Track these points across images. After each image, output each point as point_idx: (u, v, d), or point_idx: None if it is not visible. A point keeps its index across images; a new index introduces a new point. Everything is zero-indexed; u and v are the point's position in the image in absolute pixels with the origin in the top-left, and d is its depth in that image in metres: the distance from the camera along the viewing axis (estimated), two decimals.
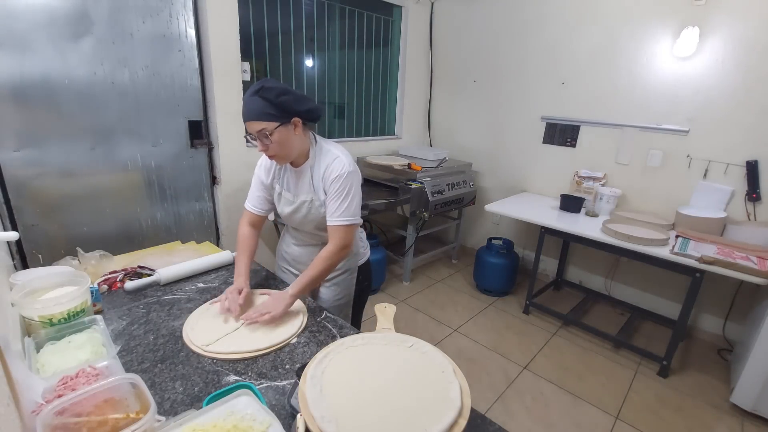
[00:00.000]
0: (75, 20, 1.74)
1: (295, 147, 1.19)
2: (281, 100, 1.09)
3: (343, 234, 1.23)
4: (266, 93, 1.08)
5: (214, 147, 2.34)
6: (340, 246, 1.23)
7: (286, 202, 1.31)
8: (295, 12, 2.63)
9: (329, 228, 1.24)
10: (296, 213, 1.31)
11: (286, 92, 1.10)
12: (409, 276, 3.12)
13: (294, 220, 1.36)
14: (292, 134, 1.16)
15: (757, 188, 2.21)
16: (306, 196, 1.27)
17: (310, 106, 1.17)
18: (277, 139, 1.12)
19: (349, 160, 1.24)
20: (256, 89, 1.09)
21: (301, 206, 1.29)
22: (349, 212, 1.23)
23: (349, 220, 1.23)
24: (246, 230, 1.36)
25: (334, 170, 1.21)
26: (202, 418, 0.71)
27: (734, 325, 2.44)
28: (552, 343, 2.45)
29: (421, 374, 0.81)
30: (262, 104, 1.09)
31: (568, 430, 1.81)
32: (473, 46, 3.30)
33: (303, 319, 1.15)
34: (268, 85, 1.08)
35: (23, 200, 1.77)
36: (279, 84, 1.11)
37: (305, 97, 1.17)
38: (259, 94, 1.08)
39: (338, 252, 1.24)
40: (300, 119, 1.16)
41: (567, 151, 2.94)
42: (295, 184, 1.30)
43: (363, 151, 3.30)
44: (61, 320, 0.95)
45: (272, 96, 1.08)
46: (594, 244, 2.27)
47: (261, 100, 1.08)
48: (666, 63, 2.41)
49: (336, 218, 1.22)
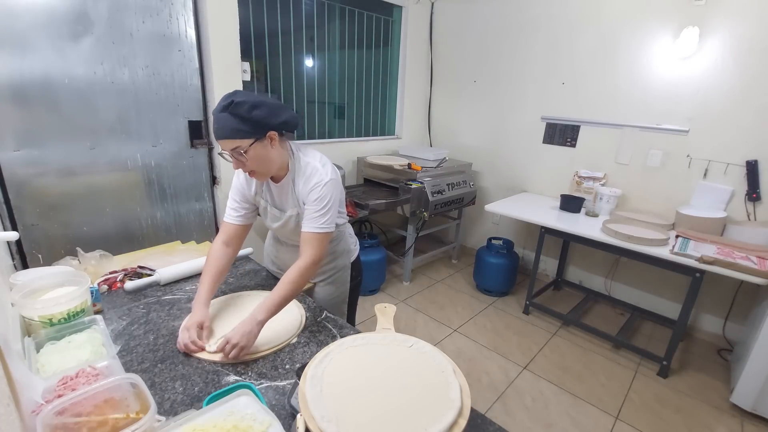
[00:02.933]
0: (75, 20, 1.74)
1: (274, 162, 1.11)
2: (254, 115, 1.01)
3: (318, 243, 1.15)
4: (237, 108, 0.99)
5: (214, 147, 2.34)
6: (312, 260, 1.13)
7: (273, 218, 1.26)
8: (295, 12, 2.63)
9: (303, 235, 1.15)
10: (284, 227, 1.27)
11: (259, 105, 1.02)
12: (409, 276, 3.12)
13: (282, 234, 1.33)
14: (269, 149, 1.08)
15: (757, 188, 2.21)
16: (292, 210, 1.22)
17: (285, 117, 1.08)
18: (253, 156, 1.05)
19: (327, 169, 1.17)
20: (225, 104, 1.00)
21: (288, 221, 1.24)
22: (325, 221, 1.15)
23: (324, 228, 1.15)
24: (218, 249, 1.21)
25: (315, 181, 1.15)
26: (202, 418, 0.71)
27: (734, 325, 2.44)
28: (552, 343, 2.45)
29: (421, 374, 0.81)
30: (233, 121, 1.00)
31: (568, 430, 1.81)
32: (473, 46, 3.30)
33: (302, 319, 1.15)
34: (239, 99, 0.99)
35: (23, 200, 1.76)
36: (250, 96, 1.02)
37: (281, 106, 1.09)
38: (229, 111, 0.99)
39: (310, 267, 1.13)
40: (276, 132, 1.08)
41: (567, 151, 2.94)
42: (280, 199, 1.24)
43: (363, 151, 3.30)
44: (61, 320, 0.95)
45: (244, 111, 1.00)
46: (594, 244, 2.27)
47: (231, 116, 1.00)
48: (666, 63, 2.41)
49: (311, 226, 1.14)
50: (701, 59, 2.28)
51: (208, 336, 1.05)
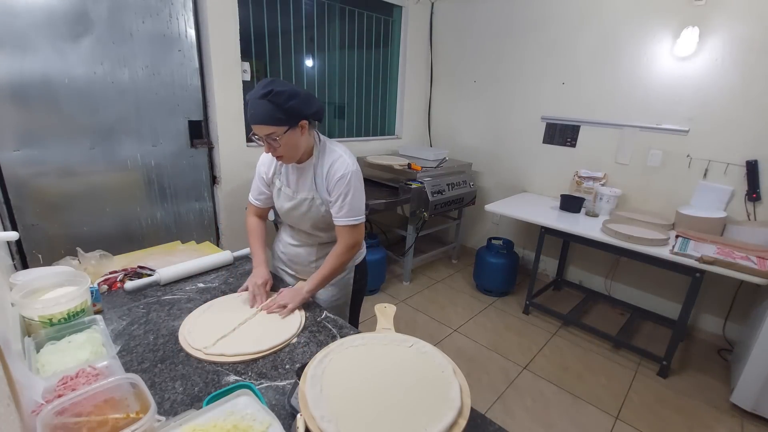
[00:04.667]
0: (75, 20, 1.74)
1: (301, 147, 1.20)
2: (291, 104, 1.08)
3: (351, 233, 1.26)
4: (276, 98, 1.06)
5: (214, 147, 2.34)
6: (349, 245, 1.26)
7: (286, 197, 1.32)
8: (295, 12, 2.63)
9: (337, 228, 1.26)
10: (295, 210, 1.31)
11: (295, 95, 1.09)
12: (409, 276, 3.12)
13: (292, 217, 1.36)
14: (299, 136, 1.16)
15: (757, 188, 2.21)
16: (307, 194, 1.27)
17: (317, 107, 1.16)
18: (285, 143, 1.13)
19: (352, 160, 1.25)
20: (264, 92, 1.06)
21: (301, 203, 1.29)
22: (354, 212, 1.24)
23: (356, 220, 1.25)
24: (254, 220, 1.42)
25: (338, 170, 1.21)
26: (202, 418, 0.71)
27: (734, 325, 2.44)
28: (552, 343, 2.45)
29: (421, 374, 0.81)
30: (270, 108, 1.07)
31: (568, 430, 1.81)
32: (473, 46, 3.30)
33: (302, 319, 1.15)
34: (278, 89, 1.06)
35: (23, 200, 1.77)
36: (287, 86, 1.09)
37: (312, 97, 1.16)
38: (268, 98, 1.06)
39: (348, 251, 1.27)
40: (307, 121, 1.15)
41: (567, 151, 2.94)
42: (296, 181, 1.30)
43: (363, 151, 3.30)
44: (61, 320, 0.95)
45: (282, 101, 1.07)
46: (594, 244, 2.27)
47: (270, 104, 1.06)
48: (666, 63, 2.41)
49: (343, 219, 1.24)
50: (701, 59, 2.28)
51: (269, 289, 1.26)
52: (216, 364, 0.96)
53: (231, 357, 0.97)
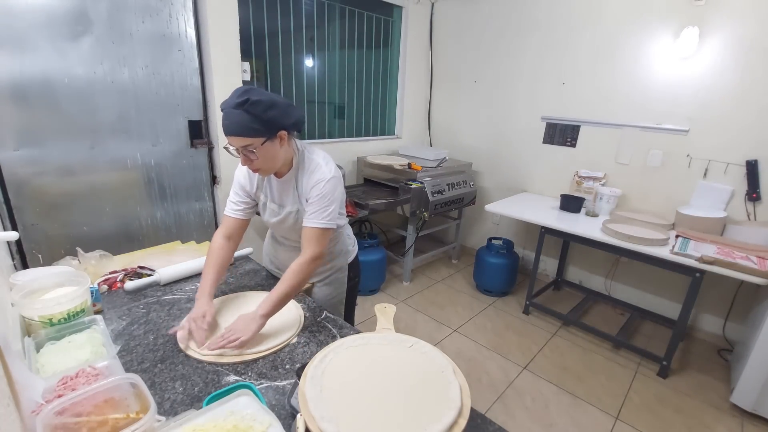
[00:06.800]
0: (74, 19, 1.74)
1: (280, 159, 1.12)
2: (269, 115, 1.01)
3: (318, 238, 1.16)
4: (253, 107, 0.98)
5: (214, 147, 2.34)
6: (313, 255, 1.15)
7: (272, 213, 1.27)
8: (295, 12, 2.63)
9: (304, 232, 1.17)
10: (282, 223, 1.27)
11: (273, 105, 1.02)
12: (409, 276, 3.12)
13: (280, 230, 1.33)
14: (278, 148, 1.09)
15: (757, 188, 2.21)
16: (292, 207, 1.22)
17: (296, 117, 1.10)
18: (262, 155, 1.05)
19: (330, 167, 1.19)
20: (240, 102, 0.98)
21: (287, 217, 1.24)
22: (326, 216, 1.16)
23: (325, 224, 1.16)
24: (219, 242, 1.24)
25: (317, 179, 1.16)
26: (202, 418, 0.71)
27: (734, 325, 2.44)
28: (552, 343, 2.45)
29: (421, 374, 0.81)
30: (247, 119, 0.99)
31: (568, 430, 1.81)
32: (473, 46, 3.30)
33: (301, 319, 1.15)
34: (255, 98, 0.98)
35: (23, 200, 1.76)
36: (265, 95, 1.01)
37: (291, 106, 1.09)
38: (244, 108, 0.98)
39: (311, 262, 1.15)
40: (286, 131, 1.08)
41: (567, 151, 2.94)
42: (280, 195, 1.24)
43: (363, 151, 3.30)
44: (61, 320, 0.95)
45: (259, 111, 0.99)
46: (594, 244, 2.27)
47: (246, 114, 0.99)
48: (666, 63, 2.41)
49: (312, 220, 1.15)
50: (701, 59, 2.28)
51: (212, 329, 1.05)
52: (216, 364, 0.96)
53: (231, 357, 0.97)
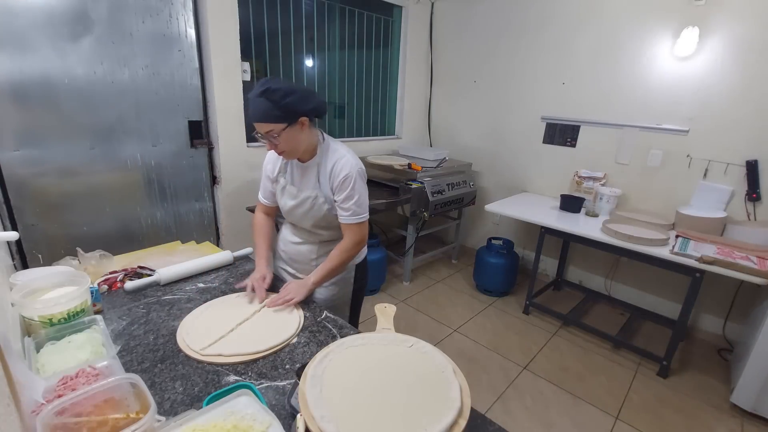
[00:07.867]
0: (74, 20, 1.74)
1: (303, 143, 1.21)
2: (287, 101, 1.09)
3: (357, 230, 1.29)
4: (271, 95, 1.07)
5: (214, 147, 2.34)
6: (356, 241, 1.29)
7: (290, 195, 1.33)
8: (295, 12, 2.63)
9: (343, 226, 1.29)
10: (299, 207, 1.33)
11: (291, 92, 1.10)
12: (409, 276, 3.12)
13: (294, 215, 1.37)
14: (299, 133, 1.17)
15: (757, 188, 2.21)
16: (311, 192, 1.29)
17: (315, 104, 1.17)
18: (284, 139, 1.15)
19: (355, 160, 1.27)
20: (261, 90, 1.08)
21: (304, 201, 1.30)
22: (359, 210, 1.27)
23: (361, 218, 1.28)
24: (261, 217, 1.46)
25: (343, 170, 1.23)
26: (202, 418, 0.71)
27: (734, 325, 2.44)
28: (552, 343, 2.45)
29: (421, 374, 0.81)
30: (267, 106, 1.08)
31: (568, 430, 1.81)
32: (473, 46, 3.30)
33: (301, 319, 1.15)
34: (274, 86, 1.08)
35: (23, 200, 1.77)
36: (284, 84, 1.10)
37: (311, 93, 1.18)
38: (264, 96, 1.08)
39: (354, 246, 1.30)
40: (307, 118, 1.16)
41: (567, 151, 2.94)
42: (300, 179, 1.32)
43: (363, 150, 3.30)
44: (61, 320, 0.95)
45: (277, 98, 1.08)
46: (594, 244, 2.27)
47: (266, 101, 1.08)
48: (666, 63, 2.41)
49: (348, 218, 1.27)
50: (701, 59, 2.28)
51: (268, 285, 1.27)
52: (216, 365, 0.96)
53: (230, 357, 0.97)
